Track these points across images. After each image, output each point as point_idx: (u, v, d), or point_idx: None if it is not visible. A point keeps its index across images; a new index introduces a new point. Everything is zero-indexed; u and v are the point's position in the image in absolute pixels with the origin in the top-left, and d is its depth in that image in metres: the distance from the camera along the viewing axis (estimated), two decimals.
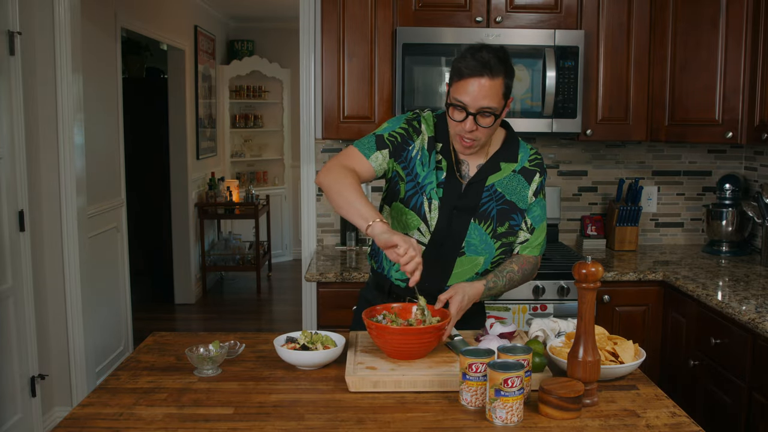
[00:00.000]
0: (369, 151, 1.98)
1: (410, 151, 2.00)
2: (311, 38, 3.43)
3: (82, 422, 1.50)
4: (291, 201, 7.95)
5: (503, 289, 2.04)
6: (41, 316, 3.41)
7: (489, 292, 1.99)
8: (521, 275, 2.05)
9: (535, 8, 3.09)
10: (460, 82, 1.85)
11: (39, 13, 3.32)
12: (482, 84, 1.82)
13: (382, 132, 2.01)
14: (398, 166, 2.01)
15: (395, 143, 2.00)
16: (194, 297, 6.27)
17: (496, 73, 1.83)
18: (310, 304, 3.49)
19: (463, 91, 1.84)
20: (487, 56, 1.82)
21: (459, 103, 1.86)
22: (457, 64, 1.87)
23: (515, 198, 2.02)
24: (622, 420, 1.51)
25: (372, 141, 2.00)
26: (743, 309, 2.32)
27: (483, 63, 1.82)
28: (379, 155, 1.98)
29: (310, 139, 3.49)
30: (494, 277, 2.00)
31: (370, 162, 1.97)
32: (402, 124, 2.02)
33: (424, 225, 1.99)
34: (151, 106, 6.40)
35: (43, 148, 3.40)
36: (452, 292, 1.90)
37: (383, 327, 1.73)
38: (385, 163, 2.00)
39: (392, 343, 1.73)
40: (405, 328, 1.72)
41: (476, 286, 1.95)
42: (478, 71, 1.82)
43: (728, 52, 2.96)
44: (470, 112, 1.85)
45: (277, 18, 7.34)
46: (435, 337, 1.76)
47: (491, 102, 1.84)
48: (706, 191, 3.58)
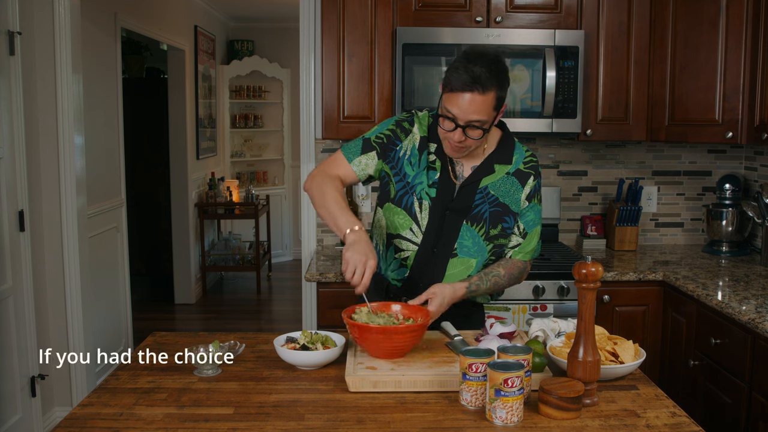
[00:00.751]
0: (353, 155, 2.02)
1: (398, 152, 2.01)
2: (311, 38, 3.43)
3: (82, 422, 1.50)
4: (291, 201, 7.95)
5: (486, 293, 2.03)
6: (41, 316, 3.41)
7: (471, 294, 1.98)
8: (507, 279, 2.04)
9: (535, 8, 3.09)
10: (451, 94, 1.82)
11: (39, 13, 3.32)
12: (473, 99, 1.79)
13: (370, 135, 2.05)
14: (386, 167, 2.02)
15: (382, 144, 2.02)
16: (194, 297, 6.27)
17: (488, 88, 1.79)
18: (310, 304, 3.49)
19: (454, 103, 1.82)
20: (479, 71, 1.77)
21: (449, 114, 1.84)
22: (449, 74, 1.82)
23: (508, 200, 2.01)
24: (622, 420, 1.51)
25: (359, 145, 2.03)
26: (743, 309, 2.32)
27: (474, 78, 1.77)
28: (363, 159, 2.01)
29: (310, 139, 3.49)
30: (478, 280, 1.99)
31: (351, 167, 2.02)
32: (390, 125, 2.04)
33: (415, 225, 1.99)
34: (151, 106, 6.41)
35: (43, 148, 3.40)
36: (431, 293, 1.90)
37: (364, 326, 1.73)
38: (373, 166, 2.02)
39: (372, 341, 1.74)
40: (385, 327, 1.73)
41: (458, 287, 1.94)
42: (469, 86, 1.78)
43: (728, 52, 2.96)
44: (459, 125, 1.84)
45: (277, 18, 7.34)
46: (416, 336, 1.77)
47: (480, 116, 1.82)
48: (706, 191, 3.58)
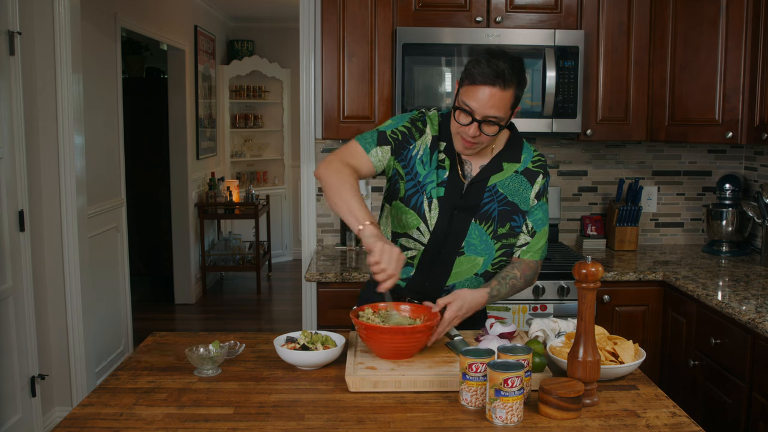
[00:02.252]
0: (369, 146, 1.97)
1: (410, 150, 1.98)
2: (311, 38, 3.43)
3: (82, 422, 1.50)
4: (291, 201, 7.95)
5: (505, 296, 2.01)
6: (41, 316, 3.41)
7: (492, 299, 1.96)
8: (523, 281, 2.03)
9: (535, 8, 3.09)
10: (471, 87, 1.82)
11: (39, 13, 3.32)
12: (493, 93, 1.79)
13: (385, 129, 2.00)
14: (398, 165, 1.99)
15: (397, 140, 1.98)
16: (194, 297, 6.27)
17: (509, 85, 1.80)
18: (310, 304, 3.49)
19: (473, 96, 1.82)
20: (502, 66, 1.78)
21: (466, 107, 1.83)
22: (471, 67, 1.82)
23: (517, 199, 2.00)
24: (622, 420, 1.51)
25: (374, 136, 1.98)
26: (743, 309, 2.32)
27: (497, 72, 1.78)
28: (379, 151, 1.97)
29: (310, 139, 3.49)
30: (497, 284, 1.97)
31: (369, 157, 1.96)
32: (406, 122, 2.01)
33: (423, 224, 1.98)
34: (151, 106, 6.41)
35: (43, 148, 3.40)
36: (452, 298, 1.87)
37: (372, 326, 1.73)
38: (386, 160, 1.98)
39: (380, 341, 1.74)
40: (394, 327, 1.72)
41: (480, 294, 1.91)
42: (491, 80, 1.78)
43: (728, 52, 2.96)
44: (476, 119, 1.83)
45: (277, 18, 7.34)
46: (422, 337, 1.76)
47: (498, 112, 1.82)
48: (706, 191, 3.58)
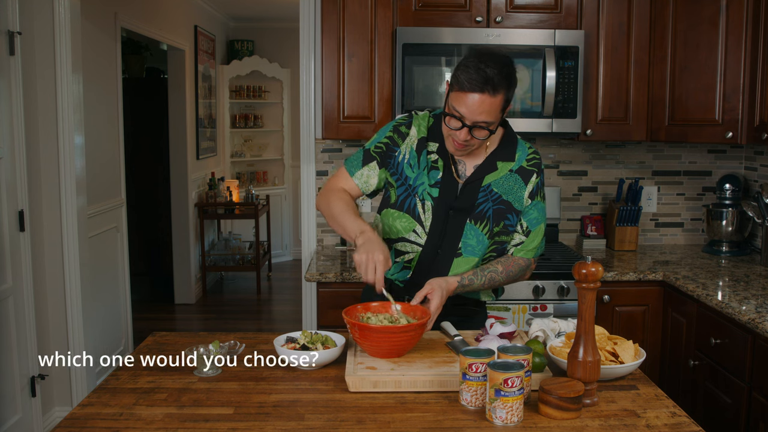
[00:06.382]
0: (354, 169, 2.05)
1: (396, 157, 2.02)
2: (311, 38, 3.43)
3: (82, 422, 1.50)
4: (291, 201, 7.95)
5: (481, 288, 2.00)
6: (41, 316, 3.41)
7: (463, 288, 1.96)
8: (505, 276, 2.01)
9: (535, 8, 3.09)
10: (460, 93, 1.81)
11: (39, 13, 3.32)
12: (482, 100, 1.79)
13: (370, 145, 2.06)
14: (388, 174, 2.03)
15: (381, 153, 2.03)
16: (194, 297, 6.27)
17: (498, 90, 1.79)
18: (310, 304, 3.49)
19: (462, 103, 1.81)
20: (491, 72, 1.77)
21: (456, 113, 1.83)
22: (459, 73, 1.81)
23: (511, 198, 2.00)
24: (622, 420, 1.51)
25: (359, 157, 2.05)
26: (743, 309, 2.32)
27: (485, 79, 1.77)
28: (365, 171, 2.03)
29: (310, 139, 3.49)
30: (472, 275, 1.97)
31: (354, 180, 2.05)
32: (388, 132, 2.05)
33: (419, 227, 1.99)
34: (151, 106, 6.40)
35: (43, 148, 3.40)
36: (429, 288, 1.88)
37: (366, 326, 1.73)
38: (375, 176, 2.04)
39: (374, 340, 1.74)
40: (386, 327, 1.73)
41: (450, 282, 1.93)
42: (479, 87, 1.78)
43: (728, 52, 2.96)
44: (466, 124, 1.83)
45: (277, 18, 7.34)
46: (417, 334, 1.77)
47: (488, 117, 1.82)
48: (706, 191, 3.58)
